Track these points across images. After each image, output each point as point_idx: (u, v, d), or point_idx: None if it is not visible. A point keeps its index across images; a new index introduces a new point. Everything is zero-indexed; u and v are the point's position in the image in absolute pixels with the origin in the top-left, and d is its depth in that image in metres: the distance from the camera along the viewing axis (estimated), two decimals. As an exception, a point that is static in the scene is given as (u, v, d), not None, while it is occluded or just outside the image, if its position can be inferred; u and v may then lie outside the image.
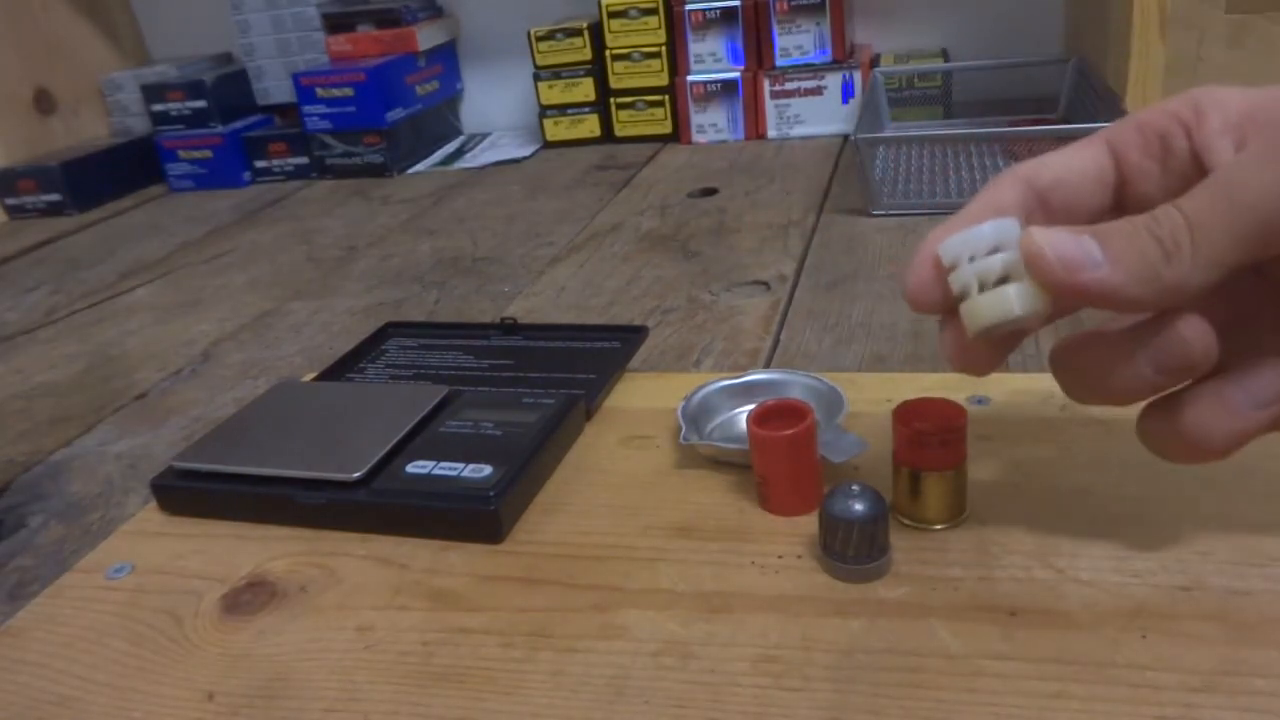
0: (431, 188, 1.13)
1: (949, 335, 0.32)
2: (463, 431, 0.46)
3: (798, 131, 1.13)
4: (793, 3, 1.09)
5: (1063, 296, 0.29)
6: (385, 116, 1.19)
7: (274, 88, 1.30)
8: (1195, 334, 0.29)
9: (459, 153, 1.27)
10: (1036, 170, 0.32)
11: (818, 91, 1.11)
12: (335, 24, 1.25)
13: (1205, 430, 0.30)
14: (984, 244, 0.30)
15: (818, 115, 1.12)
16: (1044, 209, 0.32)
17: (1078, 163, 0.32)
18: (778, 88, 1.12)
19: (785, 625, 0.34)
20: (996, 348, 0.32)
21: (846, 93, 1.10)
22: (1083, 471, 0.41)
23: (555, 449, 0.46)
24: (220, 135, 1.25)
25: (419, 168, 1.23)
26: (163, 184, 1.30)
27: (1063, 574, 0.35)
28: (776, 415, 0.40)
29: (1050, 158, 0.33)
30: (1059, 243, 0.28)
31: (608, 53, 1.16)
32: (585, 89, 1.19)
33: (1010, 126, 1.00)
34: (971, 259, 0.30)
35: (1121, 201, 0.33)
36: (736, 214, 0.88)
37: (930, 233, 0.33)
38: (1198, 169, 0.30)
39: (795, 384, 0.47)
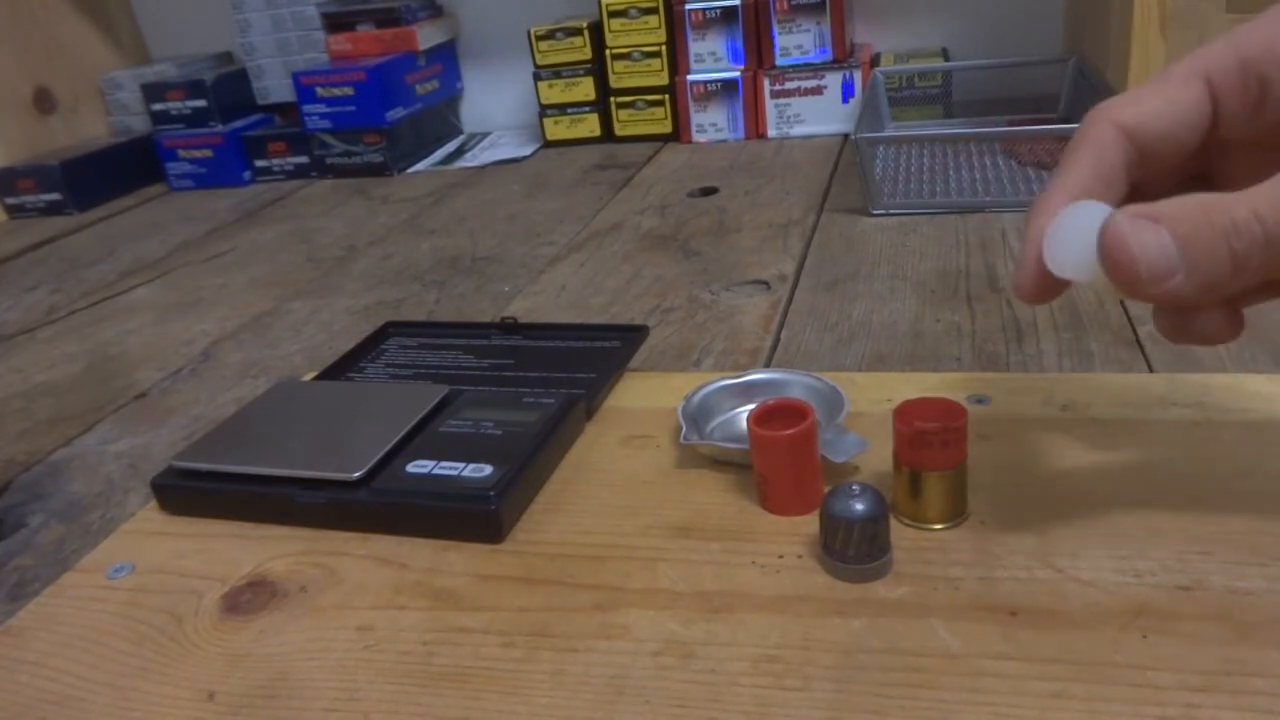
0: (431, 187, 1.13)
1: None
2: (463, 431, 0.46)
3: (798, 131, 1.13)
4: (793, 2, 1.09)
5: (1134, 296, 0.29)
6: (385, 116, 1.19)
7: (274, 87, 1.30)
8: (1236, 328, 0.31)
9: (459, 152, 1.27)
10: (1139, 123, 0.32)
11: (818, 91, 1.11)
12: (335, 23, 1.25)
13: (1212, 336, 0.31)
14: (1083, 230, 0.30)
15: (818, 115, 1.12)
16: (1141, 160, 0.32)
17: (1179, 111, 0.32)
18: (778, 87, 1.12)
19: (786, 625, 0.34)
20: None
21: (846, 92, 1.10)
22: (1083, 471, 0.41)
23: (555, 449, 0.46)
24: (220, 134, 1.25)
25: (419, 167, 1.23)
26: (163, 183, 1.30)
27: (1063, 574, 0.35)
28: (777, 415, 0.40)
29: (1152, 104, 0.32)
30: (1146, 252, 0.28)
31: (608, 52, 1.16)
32: (585, 88, 1.19)
33: (1010, 126, 1.00)
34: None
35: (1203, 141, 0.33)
36: (736, 213, 0.88)
37: (1039, 206, 0.32)
38: None
39: (796, 384, 0.47)
